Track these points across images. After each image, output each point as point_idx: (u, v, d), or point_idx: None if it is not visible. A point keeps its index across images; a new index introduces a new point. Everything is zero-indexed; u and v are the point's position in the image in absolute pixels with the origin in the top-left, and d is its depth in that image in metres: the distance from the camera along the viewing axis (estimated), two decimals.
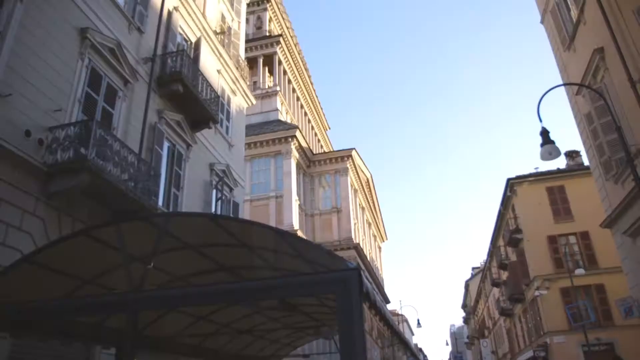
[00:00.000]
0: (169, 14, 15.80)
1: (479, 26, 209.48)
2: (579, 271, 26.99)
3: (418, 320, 50.68)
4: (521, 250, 34.26)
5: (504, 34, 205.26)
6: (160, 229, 5.49)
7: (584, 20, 13.92)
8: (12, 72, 9.24)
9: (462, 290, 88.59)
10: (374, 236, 53.26)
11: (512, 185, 34.34)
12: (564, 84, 13.89)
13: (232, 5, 22.15)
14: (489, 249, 47.45)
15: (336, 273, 4.29)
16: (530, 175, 34.36)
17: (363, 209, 46.34)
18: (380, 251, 56.44)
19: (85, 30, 11.37)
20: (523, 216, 33.62)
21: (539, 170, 35.16)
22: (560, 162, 42.56)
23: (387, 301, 52.40)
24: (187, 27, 17.01)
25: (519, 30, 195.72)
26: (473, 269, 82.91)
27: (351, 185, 40.02)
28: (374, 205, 52.36)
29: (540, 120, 10.89)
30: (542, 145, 10.73)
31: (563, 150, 39.53)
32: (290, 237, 5.41)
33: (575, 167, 34.56)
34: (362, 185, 44.76)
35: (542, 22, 17.94)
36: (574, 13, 14.53)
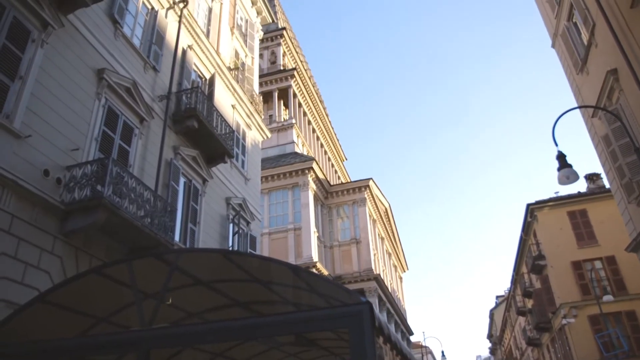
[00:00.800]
0: (184, 52, 16.18)
1: (491, 52, 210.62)
2: (607, 297, 26.18)
3: (442, 352, 49.45)
4: (545, 277, 33.45)
5: (516, 58, 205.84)
6: (172, 266, 5.47)
7: (595, 43, 13.87)
8: (31, 114, 9.49)
9: (487, 320, 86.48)
10: (395, 266, 52.58)
11: (532, 210, 33.80)
12: (579, 107, 13.76)
13: (245, 42, 22.63)
14: (512, 277, 46.44)
15: (348, 307, 4.21)
16: (550, 199, 33.83)
17: (382, 239, 45.93)
18: (401, 282, 55.60)
19: (102, 71, 11.69)
20: (545, 242, 32.96)
21: (559, 194, 34.62)
22: (581, 186, 41.90)
23: (410, 333, 51.30)
24: (201, 64, 17.38)
25: (531, 55, 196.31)
26: (497, 297, 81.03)
27: (369, 216, 39.79)
28: (393, 235, 51.88)
29: (556, 144, 10.78)
30: (559, 169, 10.59)
31: (582, 173, 39.10)
32: (303, 273, 5.36)
33: (596, 190, 33.95)
34: (380, 215, 44.47)
35: (553, 46, 17.93)
36: (585, 36, 14.51)
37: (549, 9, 17.65)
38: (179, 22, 15.95)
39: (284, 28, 48.34)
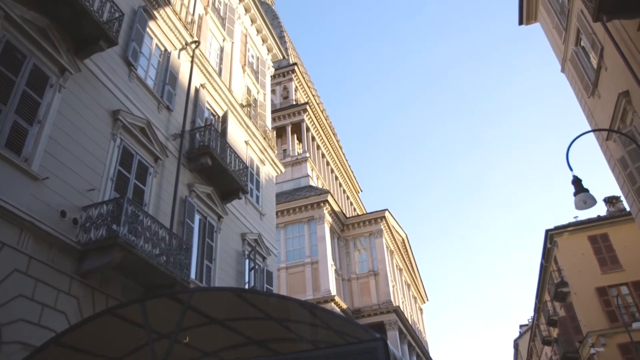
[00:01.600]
0: (196, 91, 16.51)
1: (501, 79, 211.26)
2: (637, 325, 25.34)
3: None
4: (569, 305, 32.58)
5: (527, 84, 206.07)
6: (185, 305, 5.45)
7: (604, 66, 13.85)
8: (49, 156, 9.69)
9: (512, 350, 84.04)
10: (414, 298, 51.73)
11: (552, 236, 33.20)
12: (592, 130, 13.65)
13: (257, 79, 23.03)
14: (535, 305, 45.32)
15: (363, 344, 4.17)
16: (569, 225, 33.24)
17: (401, 270, 45.37)
18: (421, 313, 54.58)
19: (117, 112, 11.95)
20: (567, 268, 32.24)
21: (579, 219, 34.02)
22: (601, 209, 41.16)
23: None
24: (214, 102, 17.68)
25: (541, 80, 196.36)
26: (521, 326, 78.93)
27: (387, 247, 39.45)
28: (411, 265, 51.24)
29: (571, 169, 10.67)
30: (575, 194, 10.44)
31: (601, 196, 38.45)
32: (319, 310, 5.30)
33: (617, 214, 33.30)
34: (397, 246, 44.06)
35: (562, 71, 17.94)
36: (594, 60, 14.51)
37: (556, 35, 17.74)
38: (192, 62, 16.34)
39: (295, 63, 49.20)
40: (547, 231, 33.43)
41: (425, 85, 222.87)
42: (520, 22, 19.78)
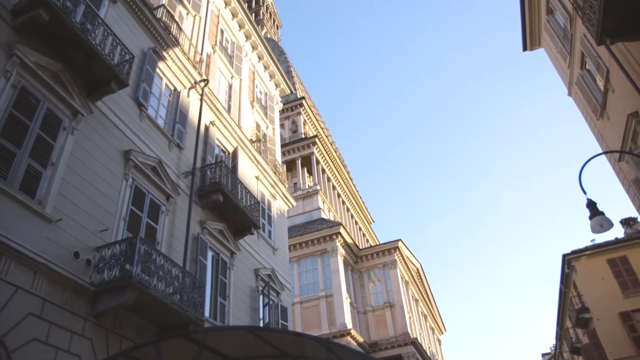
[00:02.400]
0: (206, 128, 16.71)
1: (508, 104, 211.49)
2: None
3: None
4: (592, 331, 31.69)
5: (534, 109, 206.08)
6: (200, 345, 5.38)
7: (611, 88, 13.84)
8: (62, 198, 9.79)
9: None
10: (432, 329, 50.69)
11: (569, 261, 32.58)
12: (604, 153, 13.53)
13: (265, 114, 23.29)
14: (557, 332, 44.14)
15: None
16: (587, 248, 32.63)
17: (417, 300, 44.63)
18: (440, 344, 53.38)
19: (129, 152, 12.10)
20: (587, 293, 31.49)
21: (596, 242, 33.40)
22: (618, 231, 40.43)
23: None
24: (223, 139, 17.86)
25: (548, 104, 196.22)
26: (543, 355, 76.61)
27: (401, 278, 38.92)
28: (427, 296, 50.41)
29: (584, 192, 10.52)
30: (590, 217, 10.27)
31: (617, 218, 37.81)
32: (335, 346, 5.20)
33: (635, 235, 32.67)
34: (412, 276, 43.46)
35: (569, 94, 17.95)
36: (600, 82, 14.52)
37: (560, 59, 17.84)
38: (201, 100, 16.59)
39: (303, 97, 49.79)
40: (564, 256, 32.82)
41: (433, 112, 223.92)
42: (525, 49, 19.94)
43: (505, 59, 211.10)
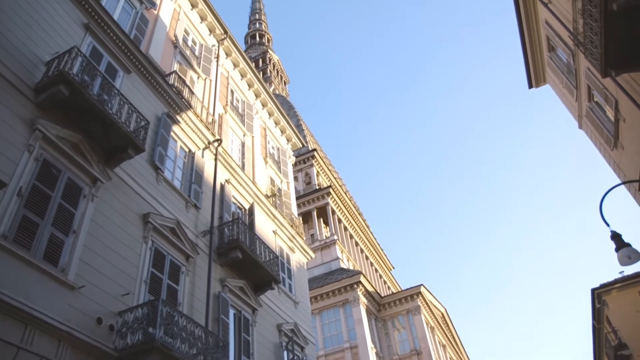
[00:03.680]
0: (222, 187, 16.93)
1: (521, 140, 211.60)
2: None
3: None
4: None
5: (546, 143, 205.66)
6: None
7: (622, 118, 13.86)
8: (84, 264, 9.90)
9: None
10: None
11: (599, 295, 31.50)
12: (623, 183, 13.40)
13: (279, 168, 23.58)
14: None
15: None
16: (616, 281, 31.58)
17: (444, 346, 43.30)
18: None
19: (147, 215, 12.27)
20: (623, 329, 30.25)
21: (625, 274, 32.38)
22: None
23: None
24: (239, 196, 18.04)
25: (560, 137, 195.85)
26: None
27: (426, 323, 37.97)
28: (454, 340, 48.92)
29: (607, 224, 10.37)
30: (617, 250, 10.07)
31: None
32: None
33: None
34: (437, 321, 42.38)
35: (580, 127, 17.96)
36: (610, 113, 14.55)
37: (567, 94, 17.98)
38: (215, 159, 16.91)
39: (315, 149, 50.42)
40: (593, 290, 31.80)
41: (446, 154, 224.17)
42: (530, 86, 20.19)
43: (512, 98, 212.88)
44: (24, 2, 11.11)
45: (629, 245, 10.00)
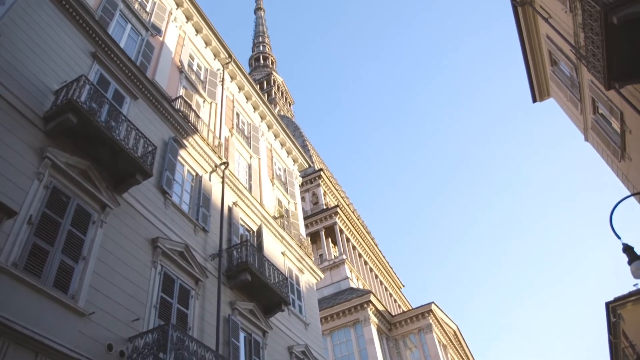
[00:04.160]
0: (230, 209, 16.97)
1: (530, 154, 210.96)
2: None
3: None
4: None
5: (554, 156, 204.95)
6: None
7: (628, 129, 13.83)
8: (94, 291, 9.91)
9: None
10: None
11: (614, 309, 30.95)
12: (633, 195, 13.30)
13: (286, 189, 23.63)
14: None
15: None
16: (631, 294, 31.02)
17: None
18: None
19: (156, 240, 12.31)
20: None
21: (639, 286, 31.89)
22: None
23: None
24: (247, 218, 18.06)
25: (566, 150, 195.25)
26: None
27: (439, 342, 37.48)
28: (467, 358, 48.17)
29: (618, 237, 10.27)
30: (629, 262, 9.96)
31: None
32: None
33: None
34: (450, 339, 41.81)
35: (586, 140, 17.93)
36: (616, 125, 14.54)
37: (572, 107, 17.99)
38: (222, 182, 16.98)
39: (321, 169, 50.52)
40: (607, 304, 31.30)
41: (454, 170, 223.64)
42: (534, 100, 20.22)
43: (517, 112, 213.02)
44: (33, 33, 11.35)
45: None
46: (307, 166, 27.68)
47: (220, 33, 21.61)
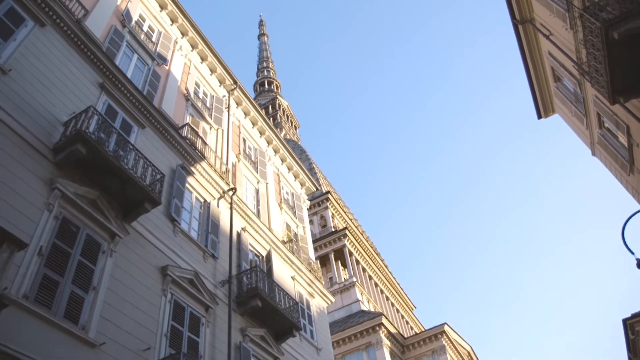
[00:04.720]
0: (238, 235, 16.96)
1: (539, 171, 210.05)
2: None
3: None
4: None
5: (563, 172, 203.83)
6: None
7: (635, 143, 13.77)
8: (104, 321, 9.87)
9: None
10: None
11: (632, 325, 30.33)
12: None
13: (294, 213, 23.61)
14: None
15: None
16: None
17: None
18: None
19: (166, 267, 12.29)
20: None
21: None
22: None
23: None
24: (256, 243, 18.03)
25: (575, 165, 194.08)
26: None
27: None
28: None
29: (632, 252, 10.17)
30: None
31: None
32: None
33: None
34: None
35: (593, 154, 17.86)
36: (623, 139, 14.49)
37: (577, 122, 17.98)
38: (231, 208, 17.01)
39: (329, 192, 50.52)
40: (624, 321, 30.71)
41: (463, 188, 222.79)
42: (539, 117, 20.24)
43: (523, 129, 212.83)
44: (42, 66, 11.57)
45: None
46: (315, 189, 27.69)
47: (225, 60, 21.93)
